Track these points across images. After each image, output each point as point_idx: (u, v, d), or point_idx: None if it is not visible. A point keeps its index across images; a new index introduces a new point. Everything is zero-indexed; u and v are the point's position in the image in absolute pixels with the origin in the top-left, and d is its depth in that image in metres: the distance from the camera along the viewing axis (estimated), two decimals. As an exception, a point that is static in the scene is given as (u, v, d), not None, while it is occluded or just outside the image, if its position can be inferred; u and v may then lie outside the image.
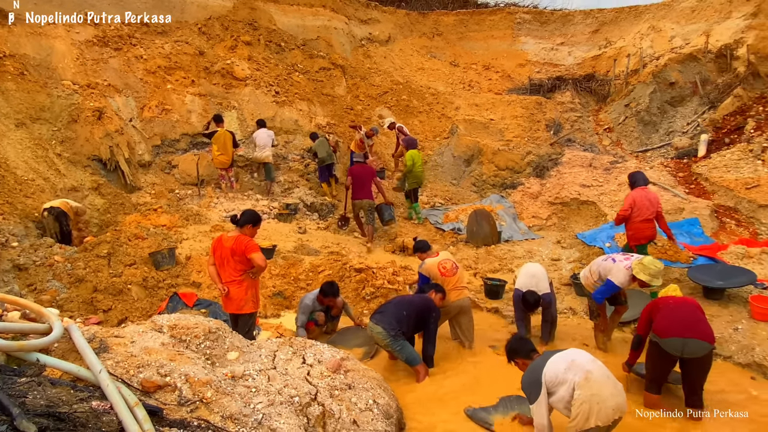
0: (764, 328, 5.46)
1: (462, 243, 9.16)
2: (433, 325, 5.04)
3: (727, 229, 8.37)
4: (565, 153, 12.01)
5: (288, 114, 11.20)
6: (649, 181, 6.73)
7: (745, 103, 11.49)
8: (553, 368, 3.48)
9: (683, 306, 4.33)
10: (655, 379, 4.41)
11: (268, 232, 8.47)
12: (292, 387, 3.70)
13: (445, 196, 11.38)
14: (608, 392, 3.34)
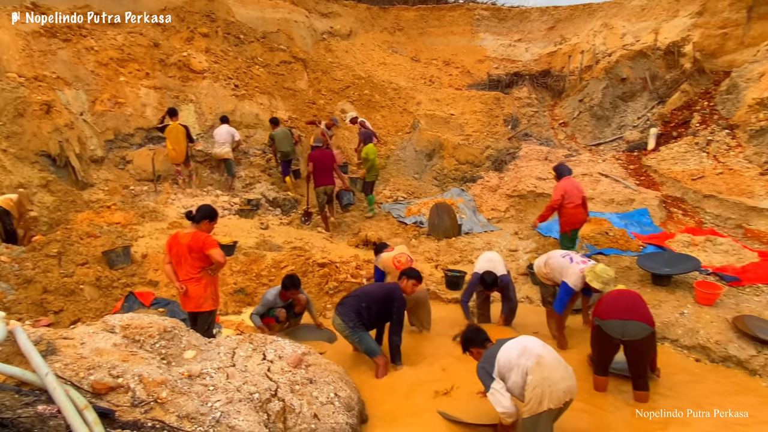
0: (708, 312, 5.75)
1: (424, 236, 9.24)
2: (396, 315, 4.91)
3: (675, 219, 8.76)
4: (523, 147, 12.26)
5: (248, 108, 10.97)
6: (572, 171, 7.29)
7: (692, 98, 12.04)
8: (506, 354, 3.57)
9: (624, 293, 4.53)
10: (601, 362, 4.58)
11: (229, 229, 8.31)
12: (251, 384, 3.65)
13: (408, 190, 11.44)
14: (559, 375, 3.45)
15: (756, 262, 6.66)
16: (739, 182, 9.09)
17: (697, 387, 4.68)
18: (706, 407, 4.27)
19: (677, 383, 4.74)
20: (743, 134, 10.04)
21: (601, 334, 4.43)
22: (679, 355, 5.39)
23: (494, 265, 5.89)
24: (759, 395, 4.55)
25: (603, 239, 7.47)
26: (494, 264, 5.90)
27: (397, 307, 4.89)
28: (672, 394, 4.52)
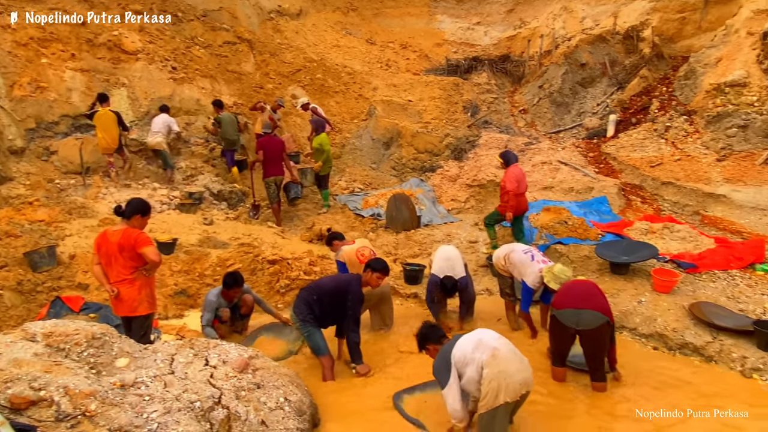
0: (665, 299, 6.04)
1: (382, 229, 9.28)
2: (350, 310, 4.76)
3: (633, 206, 9.15)
4: (482, 135, 12.47)
5: (188, 92, 10.64)
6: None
7: (650, 84, 12.56)
8: (462, 349, 3.64)
9: (580, 282, 4.72)
10: (558, 352, 4.76)
11: (169, 225, 8.07)
12: (192, 392, 3.59)
13: (365, 180, 11.44)
14: (515, 368, 3.56)
15: (712, 248, 7.05)
16: (696, 169, 9.58)
17: (655, 376, 4.92)
18: (664, 397, 4.50)
19: (637, 373, 4.97)
20: (701, 120, 10.57)
21: (556, 323, 4.60)
22: (638, 344, 5.65)
23: (452, 264, 5.94)
24: (723, 383, 4.82)
25: (562, 228, 7.72)
26: (452, 263, 5.95)
27: (351, 300, 4.74)
28: (632, 380, 4.74)
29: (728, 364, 5.07)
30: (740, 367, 4.99)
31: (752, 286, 6.22)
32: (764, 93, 9.99)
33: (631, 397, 4.52)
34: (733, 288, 6.22)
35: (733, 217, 8.34)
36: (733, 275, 6.49)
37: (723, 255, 6.81)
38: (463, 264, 6.13)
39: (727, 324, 5.35)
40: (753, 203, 8.36)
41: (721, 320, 5.41)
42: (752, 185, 8.72)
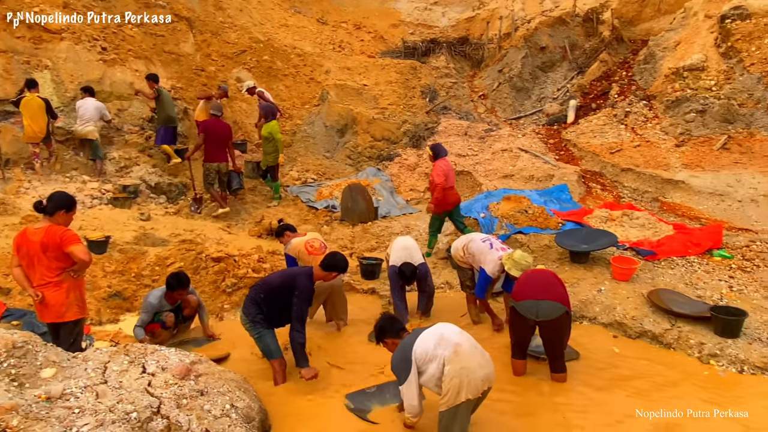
0: (624, 287, 6.30)
1: (337, 221, 9.27)
2: (295, 306, 4.61)
3: (593, 194, 9.47)
4: (441, 121, 12.60)
5: (120, 75, 10.25)
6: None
7: (610, 68, 12.98)
8: (423, 345, 3.68)
9: (538, 273, 4.87)
10: (518, 344, 4.89)
11: (101, 221, 7.80)
12: (128, 402, 3.50)
13: (318, 170, 11.37)
14: (477, 363, 3.63)
15: (671, 235, 7.38)
16: (655, 154, 9.99)
17: (614, 366, 5.13)
18: (626, 387, 4.71)
19: (596, 363, 5.17)
20: (660, 105, 11.01)
21: (516, 315, 4.73)
22: (598, 333, 5.87)
23: (410, 253, 6.05)
24: (681, 370, 5.06)
25: (522, 217, 7.90)
26: (410, 252, 6.06)
27: (298, 296, 4.60)
28: (591, 372, 4.92)
29: (686, 350, 5.34)
30: (698, 353, 5.26)
31: (709, 272, 6.56)
32: (722, 77, 10.50)
33: (589, 387, 4.70)
34: (691, 274, 6.54)
35: (691, 203, 8.75)
36: (691, 261, 6.82)
37: (681, 241, 7.14)
38: (421, 253, 6.23)
39: (684, 311, 5.63)
40: (710, 189, 8.79)
41: (680, 307, 5.69)
42: (710, 171, 9.17)
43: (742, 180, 8.73)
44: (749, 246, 7.08)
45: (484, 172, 10.49)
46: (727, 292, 6.10)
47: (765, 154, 9.19)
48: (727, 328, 5.29)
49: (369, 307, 6.61)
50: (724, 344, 5.21)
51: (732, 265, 6.67)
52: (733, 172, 8.98)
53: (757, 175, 8.74)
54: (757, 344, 5.20)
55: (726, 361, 5.09)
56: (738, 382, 4.84)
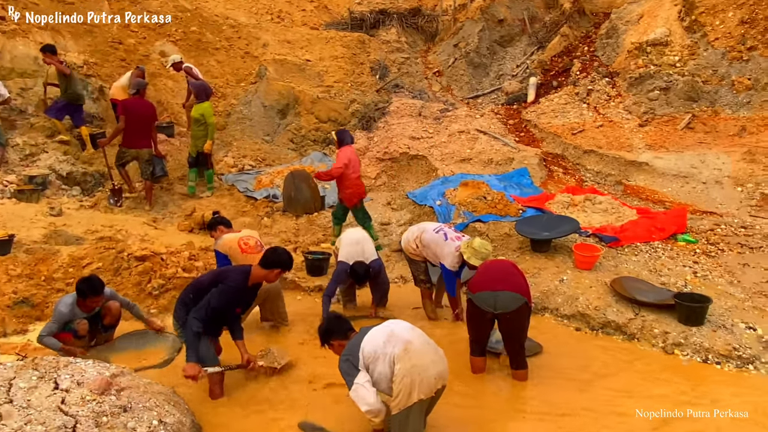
0: (587, 276, 6.49)
1: (279, 213, 9.17)
2: (210, 297, 4.50)
3: (555, 178, 9.71)
4: (393, 101, 12.61)
5: (22, 49, 9.75)
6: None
7: (572, 43, 13.27)
8: (372, 344, 3.70)
9: (496, 263, 4.97)
10: (477, 341, 4.97)
11: (3, 218, 7.49)
12: (38, 422, 3.41)
13: (257, 156, 11.20)
14: (429, 360, 3.67)
15: (634, 220, 7.66)
16: (618, 135, 10.32)
17: (578, 360, 5.28)
18: (594, 384, 4.87)
19: (557, 355, 5.32)
20: (623, 83, 11.35)
21: (473, 308, 4.80)
22: (560, 325, 6.03)
23: (362, 248, 6.04)
24: (646, 362, 5.27)
25: (481, 204, 8.02)
26: (362, 247, 6.05)
27: (219, 289, 4.51)
28: (553, 374, 5.05)
29: (650, 341, 5.56)
30: (662, 343, 5.49)
31: (674, 258, 6.85)
32: (686, 53, 10.91)
33: (550, 385, 4.82)
34: (655, 261, 6.80)
35: (655, 185, 9.10)
36: (655, 247, 7.09)
37: (645, 226, 7.41)
38: (374, 247, 6.23)
39: (648, 299, 5.86)
40: (675, 171, 9.16)
41: (643, 295, 5.91)
42: (674, 151, 9.54)
43: (707, 161, 9.12)
44: (713, 230, 7.42)
45: (440, 156, 10.57)
46: (691, 278, 6.38)
47: (729, 133, 9.63)
48: (691, 315, 5.53)
49: (316, 307, 6.57)
50: (689, 333, 5.45)
51: (696, 250, 6.98)
52: (697, 152, 9.37)
53: (721, 155, 9.15)
54: (722, 331, 5.45)
55: (690, 350, 5.33)
56: (702, 373, 5.07)
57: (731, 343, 5.28)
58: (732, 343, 5.27)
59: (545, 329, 5.88)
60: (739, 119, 9.79)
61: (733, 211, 8.18)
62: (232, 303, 4.59)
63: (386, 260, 7.63)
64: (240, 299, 4.70)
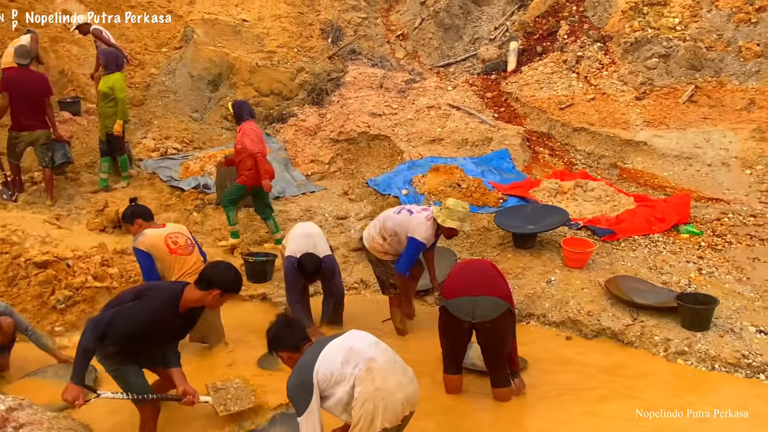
0: (578, 276, 6.68)
1: (211, 206, 9.09)
2: (114, 314, 4.18)
3: (541, 161, 9.91)
4: (349, 70, 12.60)
5: None
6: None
7: (558, 1, 13.48)
8: (328, 363, 3.68)
9: (473, 263, 5.06)
10: (451, 356, 5.05)
11: None
12: None
13: (183, 137, 11.07)
14: (395, 382, 3.69)
15: (632, 209, 7.90)
16: (613, 110, 10.58)
17: (569, 375, 5.45)
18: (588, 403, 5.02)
19: (547, 372, 5.47)
20: (617, 48, 11.63)
21: (447, 317, 4.87)
22: (548, 334, 6.20)
23: (314, 242, 6.06)
24: (646, 373, 5.45)
25: (455, 193, 8.12)
26: (314, 241, 6.07)
27: (130, 307, 4.22)
28: (540, 393, 5.18)
29: (650, 349, 5.79)
30: (664, 351, 5.72)
31: (676, 253, 7.11)
32: (687, 14, 11.24)
33: (537, 406, 4.97)
34: (655, 256, 7.05)
35: (655, 168, 9.39)
36: (655, 241, 7.35)
37: (644, 217, 7.67)
38: (327, 243, 6.26)
39: (648, 301, 6.08)
40: (677, 151, 9.46)
41: (642, 297, 6.14)
42: (675, 129, 9.85)
43: (712, 139, 9.45)
44: (720, 219, 7.72)
45: (405, 136, 10.63)
46: (695, 276, 6.64)
47: (736, 107, 9.98)
48: (696, 319, 5.77)
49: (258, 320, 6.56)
50: (693, 339, 5.68)
51: (701, 243, 7.26)
52: (701, 129, 9.70)
53: (728, 132, 9.50)
54: (729, 336, 5.71)
55: (695, 358, 5.56)
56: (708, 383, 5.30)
57: (740, 349, 5.53)
58: (741, 350, 5.51)
59: (530, 339, 6.02)
60: (747, 91, 10.14)
61: (742, 197, 8.52)
62: (148, 331, 4.19)
63: (343, 262, 7.68)
64: (164, 328, 4.27)
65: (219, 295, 4.16)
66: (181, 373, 4.46)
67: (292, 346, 3.94)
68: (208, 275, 4.19)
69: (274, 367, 5.35)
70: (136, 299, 4.24)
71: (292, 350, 3.94)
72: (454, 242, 7.60)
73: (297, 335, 3.98)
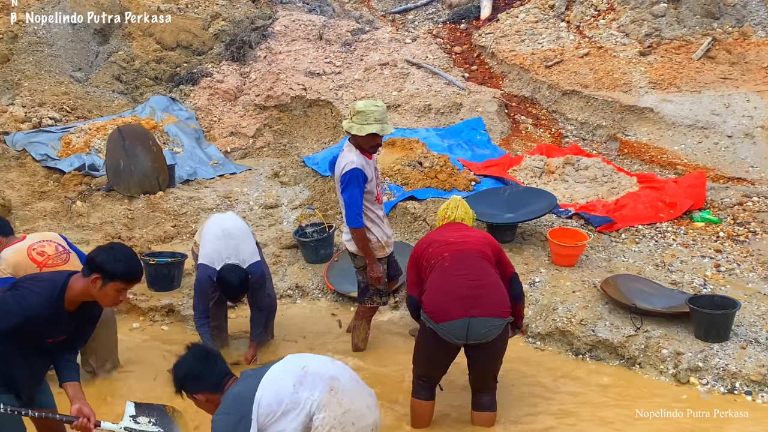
0: (569, 276, 6.75)
1: (100, 193, 8.99)
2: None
3: (522, 132, 9.99)
4: (279, 16, 12.53)
5: None
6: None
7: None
8: (275, 390, 3.63)
9: (461, 260, 5.01)
10: (426, 377, 5.08)
11: None
12: None
13: (62, 104, 10.91)
14: (364, 404, 3.73)
15: (634, 192, 8.02)
16: (611, 68, 10.71)
17: (557, 399, 5.55)
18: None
19: (530, 396, 5.55)
20: (616, -10, 11.80)
21: (434, 339, 4.89)
22: (531, 349, 6.28)
23: (237, 244, 5.96)
24: (651, 396, 5.56)
25: (415, 174, 8.14)
26: (236, 244, 5.96)
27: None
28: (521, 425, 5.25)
29: (657, 366, 5.86)
30: (673, 368, 5.79)
31: (689, 245, 7.24)
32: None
33: None
34: (663, 250, 7.16)
35: (663, 141, 9.54)
36: (663, 231, 7.47)
37: (649, 201, 7.78)
38: (255, 245, 6.18)
39: (654, 306, 6.15)
40: (689, 119, 9.62)
41: (647, 301, 6.20)
42: (688, 91, 10.02)
43: (733, 104, 9.64)
44: (742, 204, 7.89)
45: (352, 101, 10.57)
46: (712, 274, 6.76)
47: (763, 64, 10.22)
48: (712, 327, 5.86)
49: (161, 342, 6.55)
50: (708, 352, 5.79)
51: (720, 234, 7.41)
52: (719, 92, 9.88)
53: (752, 96, 9.69)
54: (753, 347, 5.83)
55: (711, 376, 5.67)
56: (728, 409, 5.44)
57: (766, 364, 5.64)
58: (767, 364, 5.65)
59: (511, 355, 6.03)
60: (775, 44, 10.40)
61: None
62: (24, 331, 4.12)
63: (273, 263, 7.65)
64: (45, 328, 4.21)
65: (100, 281, 4.00)
66: (77, 388, 4.33)
67: (213, 386, 3.87)
68: (91, 256, 4.09)
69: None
70: (9, 291, 4.16)
71: (212, 391, 3.87)
72: (414, 236, 7.65)
73: (218, 371, 3.90)
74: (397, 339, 6.57)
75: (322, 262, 7.65)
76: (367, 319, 6.32)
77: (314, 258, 7.67)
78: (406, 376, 5.57)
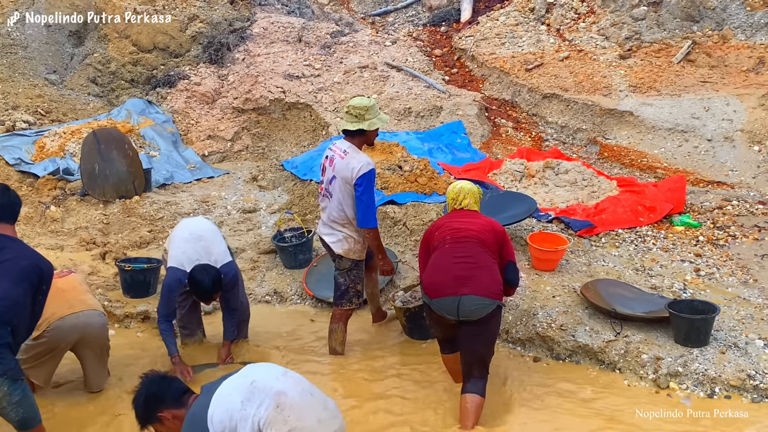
0: (548, 281, 6.77)
1: (75, 198, 8.94)
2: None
3: (503, 136, 10.04)
4: (258, 19, 12.52)
5: None
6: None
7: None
8: (225, 406, 3.64)
9: (461, 244, 5.28)
10: (443, 340, 5.52)
11: None
12: None
13: (36, 107, 10.88)
14: (314, 419, 3.69)
15: (614, 196, 8.08)
16: (592, 71, 10.79)
17: (536, 404, 5.55)
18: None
19: (509, 404, 5.56)
20: (596, -7, 11.87)
21: (433, 313, 5.32)
22: (510, 354, 6.30)
23: (206, 246, 5.94)
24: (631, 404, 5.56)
25: (395, 178, 8.14)
26: (207, 246, 5.95)
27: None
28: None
29: (637, 371, 5.88)
30: (653, 374, 5.81)
31: (669, 250, 7.29)
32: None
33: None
34: (643, 255, 7.21)
35: (643, 145, 9.62)
36: (643, 235, 7.52)
37: (629, 205, 7.84)
38: (225, 246, 6.17)
39: (634, 311, 6.19)
40: (669, 123, 9.71)
41: (627, 306, 6.24)
42: (668, 95, 10.11)
43: (713, 108, 9.72)
44: (722, 208, 7.96)
45: (331, 104, 10.62)
46: (692, 278, 6.82)
47: (742, 67, 10.31)
48: (692, 331, 5.90)
49: (143, 350, 6.51)
50: (688, 357, 5.83)
51: (699, 237, 7.46)
52: (699, 95, 9.96)
53: (731, 99, 9.78)
54: (733, 352, 5.87)
55: (691, 381, 5.70)
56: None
57: (745, 368, 5.67)
58: (746, 369, 5.66)
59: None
60: (755, 48, 10.48)
61: (749, 180, 8.81)
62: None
63: (251, 269, 7.65)
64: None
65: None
66: None
67: (175, 400, 3.86)
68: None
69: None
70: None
71: (176, 406, 3.86)
72: (394, 240, 7.69)
73: (176, 386, 3.95)
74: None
75: (300, 268, 7.67)
76: (344, 321, 6.32)
77: (293, 263, 7.68)
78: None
